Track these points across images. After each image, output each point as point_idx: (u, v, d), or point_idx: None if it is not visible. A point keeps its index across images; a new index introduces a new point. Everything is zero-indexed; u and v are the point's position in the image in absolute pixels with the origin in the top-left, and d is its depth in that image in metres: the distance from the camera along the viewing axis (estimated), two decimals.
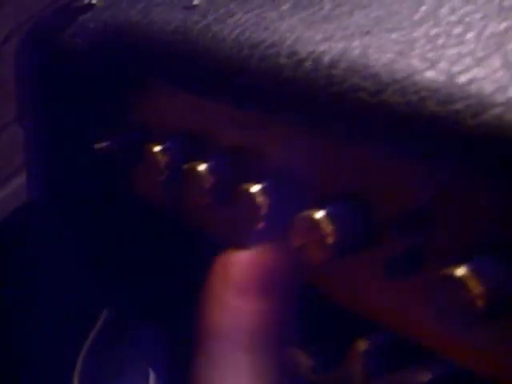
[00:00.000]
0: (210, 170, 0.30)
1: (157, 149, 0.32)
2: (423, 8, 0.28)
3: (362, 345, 0.27)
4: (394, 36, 0.27)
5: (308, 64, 0.28)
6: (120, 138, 0.34)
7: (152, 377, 0.50)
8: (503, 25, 0.26)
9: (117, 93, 0.35)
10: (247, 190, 0.29)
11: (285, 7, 0.30)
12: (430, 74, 0.26)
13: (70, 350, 0.53)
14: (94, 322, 0.50)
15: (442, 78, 0.25)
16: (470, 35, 0.26)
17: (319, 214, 0.27)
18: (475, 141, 0.24)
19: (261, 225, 0.28)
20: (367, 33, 0.28)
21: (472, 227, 0.25)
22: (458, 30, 0.27)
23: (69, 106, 0.36)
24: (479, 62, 0.25)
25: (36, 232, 0.45)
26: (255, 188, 0.29)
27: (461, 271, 0.24)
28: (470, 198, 0.25)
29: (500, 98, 0.24)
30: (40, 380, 0.61)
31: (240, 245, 0.29)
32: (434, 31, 0.27)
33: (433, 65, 0.26)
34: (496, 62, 0.25)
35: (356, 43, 0.27)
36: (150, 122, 0.34)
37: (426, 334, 0.26)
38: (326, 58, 0.27)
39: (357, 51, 0.27)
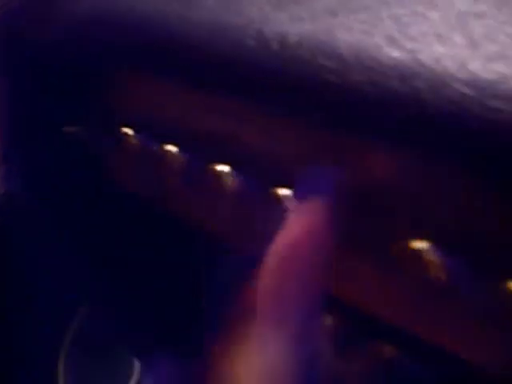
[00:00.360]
0: (180, 152, 0.30)
1: (130, 132, 0.32)
2: None
3: (329, 320, 0.27)
4: (360, 16, 0.27)
5: (275, 45, 0.27)
6: (93, 123, 0.34)
7: (136, 368, 0.50)
8: (469, 4, 0.26)
9: (88, 78, 0.35)
10: (217, 172, 0.29)
11: None
12: (394, 53, 0.25)
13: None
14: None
15: (405, 56, 0.25)
16: (435, 14, 0.26)
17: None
18: (437, 117, 0.24)
19: (229, 207, 0.28)
20: (334, 13, 0.28)
21: (434, 207, 0.25)
22: (423, 9, 0.26)
23: (40, 93, 0.36)
24: (443, 40, 0.25)
25: (14, 222, 0.45)
26: (225, 169, 0.29)
27: (425, 245, 0.24)
28: (434, 174, 0.25)
29: (462, 75, 0.24)
30: (40, 379, 0.61)
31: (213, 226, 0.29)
32: (400, 11, 0.27)
33: (397, 43, 0.26)
34: (460, 40, 0.25)
35: (323, 24, 0.27)
36: (123, 107, 0.34)
37: (393, 310, 0.26)
38: (293, 39, 0.27)
39: (323, 32, 0.27)
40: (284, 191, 0.27)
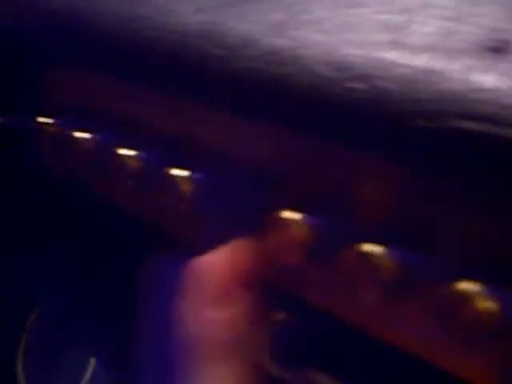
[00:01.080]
0: (92, 139, 0.32)
1: (47, 121, 0.34)
2: None
3: None
4: (254, 7, 0.28)
5: (176, 36, 0.29)
6: (19, 113, 0.36)
7: (91, 366, 0.51)
8: None
9: (12, 69, 0.37)
10: (123, 155, 0.30)
11: None
12: (275, 41, 0.27)
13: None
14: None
15: (285, 42, 0.26)
16: (322, 3, 0.27)
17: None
18: (306, 101, 0.25)
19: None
20: (233, 4, 0.29)
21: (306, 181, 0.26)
22: None
23: None
24: (320, 27, 0.26)
25: None
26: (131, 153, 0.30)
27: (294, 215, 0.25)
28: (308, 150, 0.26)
29: (328, 59, 0.25)
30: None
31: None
32: (291, 1, 0.28)
33: (281, 32, 0.27)
34: (333, 27, 0.26)
35: (221, 14, 0.29)
36: (44, 96, 0.36)
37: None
38: (193, 29, 0.29)
39: (221, 21, 0.28)
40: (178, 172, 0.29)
